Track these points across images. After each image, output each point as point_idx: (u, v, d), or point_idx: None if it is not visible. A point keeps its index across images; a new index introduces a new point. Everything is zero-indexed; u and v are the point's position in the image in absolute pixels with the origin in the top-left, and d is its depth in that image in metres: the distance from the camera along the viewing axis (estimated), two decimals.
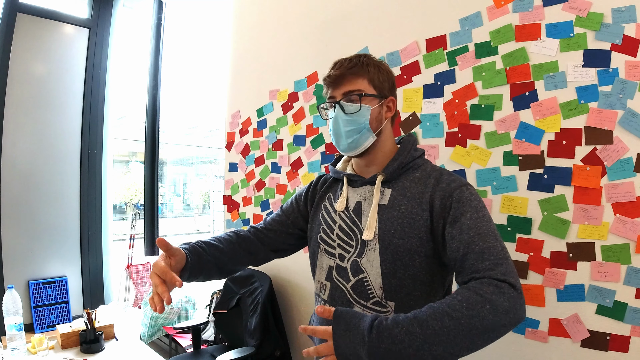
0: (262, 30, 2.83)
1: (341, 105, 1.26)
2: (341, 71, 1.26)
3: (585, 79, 1.49)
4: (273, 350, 2.47)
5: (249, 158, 2.92)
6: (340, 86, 1.27)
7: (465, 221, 1.10)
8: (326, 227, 1.35)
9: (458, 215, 1.13)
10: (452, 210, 1.14)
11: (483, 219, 1.10)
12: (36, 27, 3.64)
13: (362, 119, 1.26)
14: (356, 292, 1.24)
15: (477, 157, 1.74)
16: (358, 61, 1.27)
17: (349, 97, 1.26)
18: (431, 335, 0.91)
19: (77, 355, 2.17)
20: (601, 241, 1.46)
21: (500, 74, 1.67)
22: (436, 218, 1.17)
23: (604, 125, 1.45)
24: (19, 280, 3.51)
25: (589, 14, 1.47)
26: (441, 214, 1.16)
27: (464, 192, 1.16)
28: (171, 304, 1.12)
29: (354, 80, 1.26)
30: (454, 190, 1.17)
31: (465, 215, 1.11)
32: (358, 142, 1.27)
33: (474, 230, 1.08)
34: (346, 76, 1.26)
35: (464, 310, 0.93)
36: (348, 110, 1.26)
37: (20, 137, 3.53)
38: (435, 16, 1.88)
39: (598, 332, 1.46)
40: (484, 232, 1.07)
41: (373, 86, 1.28)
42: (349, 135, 1.26)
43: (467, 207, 1.13)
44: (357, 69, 1.26)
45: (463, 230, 1.09)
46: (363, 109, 1.25)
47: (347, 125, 1.26)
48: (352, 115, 1.25)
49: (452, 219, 1.14)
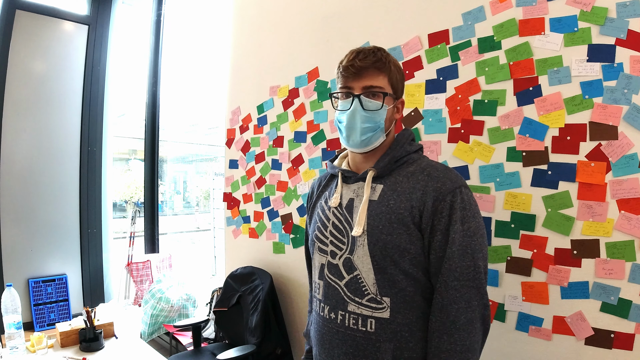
0: (263, 26, 2.81)
1: (361, 100, 1.23)
2: (365, 63, 1.22)
3: (589, 74, 1.47)
4: (274, 349, 2.46)
5: (249, 155, 2.91)
6: (361, 78, 1.23)
7: (452, 233, 1.15)
8: (320, 225, 1.35)
9: (447, 225, 1.16)
10: (443, 218, 1.16)
11: (468, 232, 1.15)
12: (35, 24, 3.62)
13: (379, 118, 1.24)
14: (350, 289, 1.23)
15: (480, 153, 1.72)
16: (381, 56, 1.23)
17: (369, 92, 1.23)
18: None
19: (76, 354, 2.15)
20: (606, 238, 1.45)
21: (504, 69, 1.66)
22: (425, 219, 1.17)
23: (608, 120, 1.44)
24: (19, 278, 3.51)
25: (593, 8, 1.46)
26: (432, 216, 1.17)
27: (457, 196, 1.17)
28: (172, 301, 1.11)
29: (375, 75, 1.23)
30: (448, 194, 1.17)
31: (454, 227, 1.15)
32: (370, 140, 1.26)
33: (456, 245, 1.14)
34: (369, 69, 1.23)
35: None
36: (368, 106, 1.23)
37: (19, 134, 3.52)
38: (437, 11, 1.86)
39: (602, 329, 1.45)
40: (463, 249, 1.14)
41: (391, 85, 1.26)
42: (364, 132, 1.24)
43: (458, 216, 1.15)
44: (381, 65, 1.23)
45: (448, 242, 1.15)
46: (383, 108, 1.24)
47: (365, 121, 1.24)
48: (372, 112, 1.23)
49: (442, 226, 1.16)
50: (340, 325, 1.24)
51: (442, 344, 1.13)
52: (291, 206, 2.60)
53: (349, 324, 1.22)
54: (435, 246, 1.16)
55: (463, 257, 1.13)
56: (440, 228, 1.15)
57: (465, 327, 1.12)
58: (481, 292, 1.15)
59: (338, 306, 1.24)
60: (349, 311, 1.22)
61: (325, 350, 1.28)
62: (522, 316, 1.62)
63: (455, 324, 1.12)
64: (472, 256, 1.14)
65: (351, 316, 1.21)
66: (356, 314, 1.21)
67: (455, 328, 1.12)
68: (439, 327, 1.14)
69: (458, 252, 1.13)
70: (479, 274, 1.14)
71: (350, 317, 1.22)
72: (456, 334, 1.12)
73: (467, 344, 1.12)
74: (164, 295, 3.29)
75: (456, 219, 1.14)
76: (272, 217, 2.74)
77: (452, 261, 1.13)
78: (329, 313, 1.27)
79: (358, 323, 1.20)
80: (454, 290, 1.13)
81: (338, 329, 1.24)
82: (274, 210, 2.72)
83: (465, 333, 1.12)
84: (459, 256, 1.13)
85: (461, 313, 1.12)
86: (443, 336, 1.13)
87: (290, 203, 2.61)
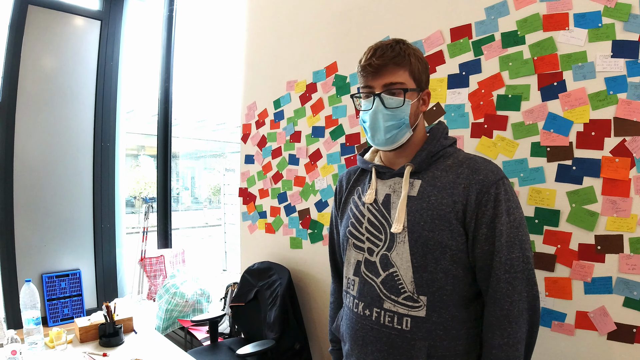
0: (279, 20, 2.80)
1: (381, 98, 1.22)
2: (383, 61, 1.20)
3: (614, 69, 1.47)
4: (293, 344, 2.47)
5: (265, 150, 2.91)
6: (380, 76, 1.21)
7: (499, 225, 1.14)
8: (355, 221, 1.33)
9: (493, 217, 1.15)
10: (488, 211, 1.15)
11: (514, 224, 1.15)
12: (47, 19, 3.62)
13: (402, 114, 1.22)
14: (386, 287, 1.22)
15: (504, 148, 1.72)
16: (400, 50, 1.21)
17: (390, 89, 1.21)
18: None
19: (96, 349, 2.15)
20: (630, 233, 1.44)
21: (528, 63, 1.65)
22: (470, 213, 1.16)
23: (633, 116, 1.43)
24: (33, 273, 3.52)
25: (617, 4, 1.45)
26: (476, 210, 1.16)
27: (501, 188, 1.16)
28: (186, 296, 1.13)
29: (395, 71, 1.21)
30: (492, 186, 1.16)
31: (500, 219, 1.14)
32: (396, 138, 1.25)
33: (504, 237, 1.14)
34: (388, 66, 1.20)
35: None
36: (389, 104, 1.21)
37: (32, 130, 3.53)
38: (459, 5, 1.86)
39: (625, 324, 1.45)
40: (511, 241, 1.14)
41: (413, 78, 1.23)
42: (388, 130, 1.23)
43: (503, 208, 1.15)
44: (400, 59, 1.20)
45: (495, 235, 1.14)
46: (405, 104, 1.22)
47: (388, 120, 1.22)
48: (394, 110, 1.22)
49: (487, 219, 1.15)
50: (375, 322, 1.24)
51: (495, 339, 1.14)
52: (309, 201, 2.61)
53: (384, 321, 1.22)
54: (481, 239, 1.16)
55: (512, 249, 1.13)
56: (486, 221, 1.15)
57: (517, 320, 1.13)
58: (531, 282, 1.15)
59: (374, 303, 1.24)
60: (384, 309, 1.22)
61: (358, 347, 1.28)
62: (545, 311, 1.62)
63: (509, 317, 1.13)
64: (520, 247, 1.14)
65: (387, 314, 1.21)
66: (392, 311, 1.21)
67: (508, 321, 1.13)
68: (492, 322, 1.15)
69: (507, 244, 1.13)
70: (528, 264, 1.14)
71: (385, 315, 1.22)
72: (509, 327, 1.12)
73: (518, 337, 1.13)
74: (178, 290, 3.31)
75: (502, 210, 1.14)
76: (289, 212, 2.75)
77: (501, 254, 1.13)
78: (364, 310, 1.26)
79: (394, 321, 1.20)
80: (506, 283, 1.13)
81: (373, 326, 1.24)
82: (291, 206, 2.72)
83: (517, 326, 1.13)
84: (508, 248, 1.13)
85: (514, 306, 1.13)
86: (496, 331, 1.14)
87: (307, 198, 2.61)
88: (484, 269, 1.17)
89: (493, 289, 1.15)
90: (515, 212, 1.16)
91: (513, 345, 1.12)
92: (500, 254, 1.13)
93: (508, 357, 1.12)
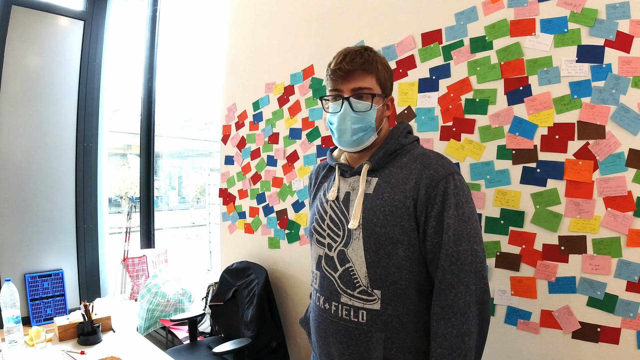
0: (259, 22, 2.82)
1: (350, 102, 1.26)
2: (353, 66, 1.24)
3: (578, 74, 1.50)
4: (269, 342, 2.49)
5: (244, 151, 2.93)
6: (349, 81, 1.26)
7: (446, 218, 1.17)
8: (318, 217, 1.38)
9: (441, 210, 1.18)
10: (437, 204, 1.18)
11: (462, 217, 1.18)
12: (31, 19, 3.61)
13: (369, 118, 1.27)
14: (343, 281, 1.27)
15: (471, 150, 1.75)
16: (368, 57, 1.26)
17: (358, 94, 1.26)
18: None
19: (74, 347, 2.17)
20: (592, 234, 1.48)
21: (495, 68, 1.68)
22: (420, 207, 1.20)
23: (596, 120, 1.47)
24: (15, 273, 3.50)
25: (583, 9, 1.48)
26: (425, 204, 1.19)
27: (450, 182, 1.19)
28: (167, 296, 1.15)
29: (363, 77, 1.26)
30: (441, 180, 1.19)
31: (448, 212, 1.17)
32: (362, 140, 1.29)
33: (452, 230, 1.16)
34: (357, 72, 1.25)
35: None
36: (357, 108, 1.26)
37: (15, 130, 3.51)
38: (430, 10, 1.89)
39: (589, 323, 1.49)
40: (459, 234, 1.16)
41: (379, 84, 1.29)
42: (355, 132, 1.27)
43: (451, 201, 1.18)
44: (368, 66, 1.25)
45: (443, 228, 1.17)
46: (372, 109, 1.27)
47: (355, 122, 1.27)
48: (361, 113, 1.26)
49: (436, 212, 1.18)
50: (334, 315, 1.28)
51: (439, 329, 1.16)
52: (286, 202, 2.63)
53: (342, 314, 1.26)
54: (431, 233, 1.19)
55: (459, 242, 1.16)
56: (434, 214, 1.18)
57: (463, 311, 1.15)
58: (479, 275, 1.17)
59: (332, 297, 1.29)
60: (342, 302, 1.26)
61: (321, 339, 1.33)
62: (510, 310, 1.66)
63: (453, 308, 1.15)
64: (468, 240, 1.16)
65: (344, 307, 1.26)
66: (348, 305, 1.25)
67: (453, 312, 1.15)
68: (437, 311, 1.17)
69: (454, 237, 1.16)
70: (476, 258, 1.17)
71: (343, 308, 1.26)
72: (453, 318, 1.14)
73: (464, 328, 1.15)
74: (160, 290, 3.31)
75: (450, 204, 1.17)
76: (267, 212, 2.77)
77: (448, 246, 1.16)
78: (324, 303, 1.31)
79: (350, 314, 1.24)
80: (452, 275, 1.16)
81: (332, 319, 1.28)
82: (269, 206, 2.74)
83: (463, 317, 1.15)
84: (455, 241, 1.16)
85: (459, 297, 1.15)
86: (440, 321, 1.16)
87: (285, 199, 2.63)
88: (433, 262, 1.20)
89: (439, 279, 1.17)
90: (465, 206, 1.19)
91: (458, 336, 1.14)
92: (447, 246, 1.16)
93: (452, 348, 1.14)
